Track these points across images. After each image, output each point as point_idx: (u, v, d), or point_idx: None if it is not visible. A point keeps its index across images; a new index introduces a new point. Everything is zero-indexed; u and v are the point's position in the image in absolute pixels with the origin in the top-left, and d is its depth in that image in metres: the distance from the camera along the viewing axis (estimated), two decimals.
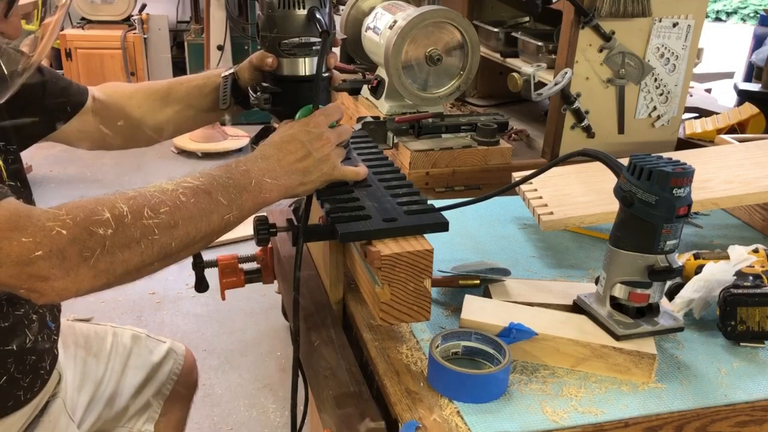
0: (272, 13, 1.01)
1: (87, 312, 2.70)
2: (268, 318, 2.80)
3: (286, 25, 1.01)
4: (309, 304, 1.10)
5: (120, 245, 0.76)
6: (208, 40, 4.52)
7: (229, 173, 0.88)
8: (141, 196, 0.80)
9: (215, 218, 0.85)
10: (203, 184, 0.85)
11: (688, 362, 0.96)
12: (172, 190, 0.82)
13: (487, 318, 0.95)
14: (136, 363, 1.34)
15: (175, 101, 1.20)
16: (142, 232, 0.78)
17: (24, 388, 1.03)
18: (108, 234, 0.75)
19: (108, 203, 0.77)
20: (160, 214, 0.79)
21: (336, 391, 0.89)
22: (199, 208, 0.83)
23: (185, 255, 0.85)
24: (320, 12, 1.00)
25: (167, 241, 0.80)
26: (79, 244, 0.73)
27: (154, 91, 1.21)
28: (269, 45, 1.04)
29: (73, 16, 5.28)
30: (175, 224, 0.80)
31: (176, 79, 1.23)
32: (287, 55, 1.03)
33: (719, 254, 1.16)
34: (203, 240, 0.85)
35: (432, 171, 1.85)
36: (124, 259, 0.77)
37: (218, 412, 2.29)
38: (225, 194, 0.86)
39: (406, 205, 0.98)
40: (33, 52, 0.88)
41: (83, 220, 0.74)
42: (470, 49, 1.95)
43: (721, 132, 2.07)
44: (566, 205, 1.27)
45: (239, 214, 0.88)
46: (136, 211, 0.77)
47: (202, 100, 1.19)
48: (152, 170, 4.27)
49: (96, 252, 0.74)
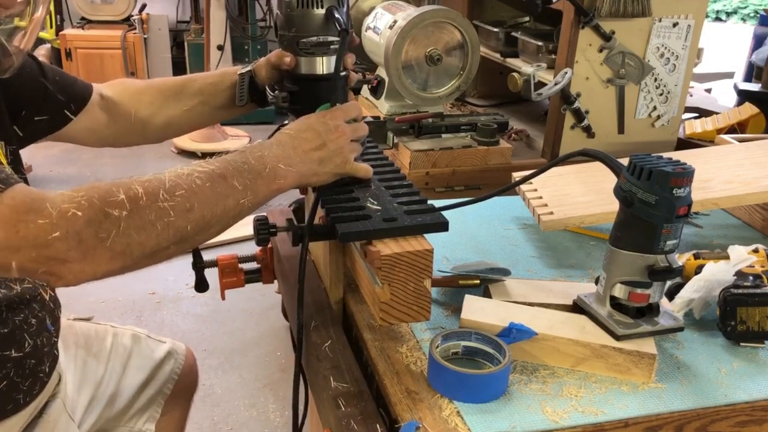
0: (291, 12, 1.01)
1: (87, 311, 2.70)
2: (268, 318, 2.80)
3: (304, 24, 1.02)
4: (309, 304, 1.10)
5: (135, 227, 0.76)
6: (208, 40, 4.52)
7: (244, 158, 0.89)
8: (156, 179, 0.80)
9: (230, 202, 0.85)
10: (218, 169, 0.85)
11: (688, 362, 0.96)
12: (187, 174, 0.83)
13: (487, 318, 0.95)
14: (136, 363, 1.34)
15: (189, 97, 1.20)
16: (158, 214, 0.78)
17: (24, 392, 1.03)
18: (123, 215, 0.75)
19: (124, 185, 0.77)
20: (175, 197, 0.79)
21: (336, 391, 0.89)
22: (214, 192, 0.83)
23: (201, 239, 0.85)
24: (338, 11, 1.00)
25: (183, 224, 0.80)
26: (94, 226, 0.73)
27: (166, 88, 1.21)
28: (287, 44, 1.04)
29: (73, 16, 5.28)
30: (190, 207, 0.80)
31: (190, 75, 1.23)
32: (305, 54, 1.04)
33: (719, 254, 1.16)
34: (218, 224, 0.85)
35: (432, 171, 1.85)
36: (140, 241, 0.76)
37: (218, 412, 2.29)
38: (240, 179, 0.86)
39: (406, 204, 0.98)
40: (20, 43, 0.90)
41: (98, 201, 0.74)
42: (470, 49, 1.96)
43: (721, 132, 2.07)
44: (566, 205, 1.27)
45: (254, 199, 0.88)
46: (151, 193, 0.78)
47: (216, 96, 1.19)
48: (152, 170, 4.16)
49: (112, 233, 0.74)
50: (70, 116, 1.13)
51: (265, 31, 5.00)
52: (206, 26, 4.50)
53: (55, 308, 1.12)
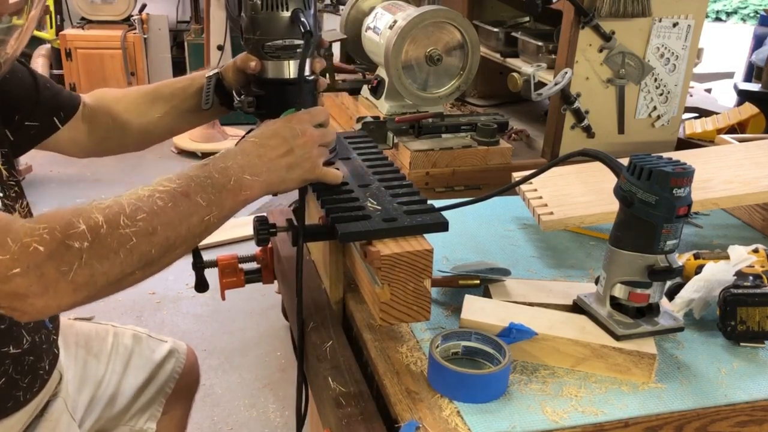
0: (255, 14, 0.99)
1: (87, 311, 2.67)
2: (268, 318, 2.80)
3: (269, 27, 1.00)
4: (309, 304, 1.10)
5: (98, 257, 0.74)
6: (208, 40, 4.52)
7: (207, 173, 0.86)
8: (117, 204, 0.78)
9: (195, 220, 0.83)
10: (180, 186, 0.83)
11: (688, 362, 0.96)
12: (148, 195, 0.80)
13: (487, 318, 0.95)
14: (137, 363, 1.34)
15: (161, 103, 1.18)
16: (119, 241, 0.76)
17: (23, 389, 1.03)
18: (84, 247, 0.73)
19: (84, 215, 0.75)
20: (137, 222, 0.77)
21: (336, 391, 0.89)
22: (177, 212, 0.81)
23: (168, 261, 0.83)
24: (304, 14, 0.98)
25: (146, 248, 0.78)
26: (56, 259, 0.72)
27: (142, 94, 1.19)
28: (253, 47, 1.03)
29: (73, 16, 5.28)
30: (153, 231, 0.78)
31: (163, 81, 1.22)
32: (271, 58, 1.02)
33: (719, 254, 1.16)
34: (184, 244, 0.83)
35: (432, 171, 1.85)
36: (103, 271, 0.75)
37: (218, 412, 2.29)
38: (204, 195, 0.84)
39: (406, 204, 0.98)
40: (13, 45, 0.88)
41: (60, 233, 0.72)
42: (470, 49, 1.95)
43: (721, 132, 2.07)
44: (566, 205, 1.27)
45: (219, 214, 0.86)
46: (112, 220, 0.76)
47: (187, 101, 1.17)
48: (152, 170, 4.27)
49: (74, 266, 0.73)
50: (58, 124, 1.12)
51: None
52: (206, 26, 4.50)
53: None
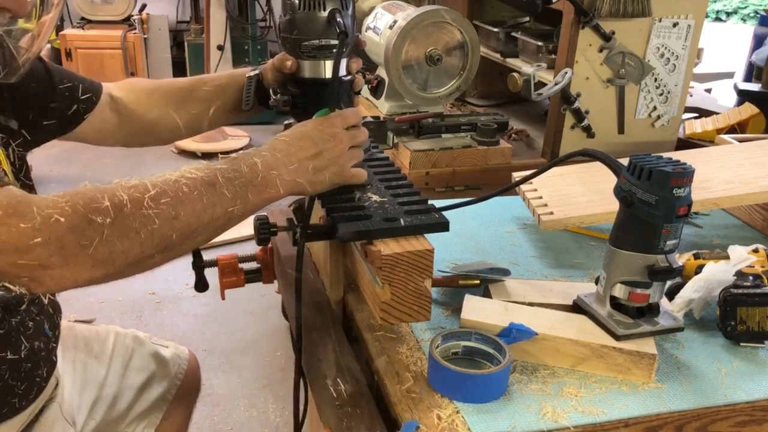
0: (293, 14, 1.01)
1: (86, 312, 2.70)
2: (268, 318, 2.80)
3: (306, 27, 1.01)
4: (309, 304, 1.10)
5: (119, 234, 0.75)
6: (208, 40, 4.52)
7: (236, 166, 0.87)
8: (142, 185, 0.79)
9: (219, 211, 0.83)
10: (207, 176, 0.83)
11: (688, 362, 0.96)
12: (174, 180, 0.81)
13: (487, 318, 0.95)
14: (138, 364, 1.33)
15: (198, 100, 1.18)
16: (142, 221, 0.76)
17: (19, 396, 1.02)
18: (107, 223, 0.73)
19: (109, 191, 0.76)
20: (160, 205, 0.78)
21: (336, 391, 0.89)
22: (202, 200, 0.81)
23: (187, 248, 0.83)
24: (341, 14, 0.99)
25: (168, 232, 0.78)
26: (77, 232, 0.72)
27: (175, 89, 1.19)
28: (290, 47, 1.04)
29: (73, 16, 5.28)
30: (176, 215, 0.79)
31: (199, 77, 1.22)
32: (307, 58, 1.03)
33: (719, 254, 1.16)
34: (205, 233, 0.83)
35: (432, 171, 1.85)
36: (123, 249, 0.75)
37: (218, 412, 2.29)
38: (230, 187, 0.84)
39: (406, 204, 0.98)
40: (30, 47, 0.88)
41: (82, 207, 0.73)
42: (470, 49, 1.96)
43: (721, 132, 2.07)
44: (566, 205, 1.27)
45: (243, 209, 0.86)
46: (136, 200, 0.76)
47: (225, 99, 1.18)
48: (152, 170, 4.22)
49: (94, 241, 0.73)
50: (79, 119, 1.12)
51: (265, 31, 5.00)
52: (206, 26, 4.50)
53: (55, 313, 1.11)
